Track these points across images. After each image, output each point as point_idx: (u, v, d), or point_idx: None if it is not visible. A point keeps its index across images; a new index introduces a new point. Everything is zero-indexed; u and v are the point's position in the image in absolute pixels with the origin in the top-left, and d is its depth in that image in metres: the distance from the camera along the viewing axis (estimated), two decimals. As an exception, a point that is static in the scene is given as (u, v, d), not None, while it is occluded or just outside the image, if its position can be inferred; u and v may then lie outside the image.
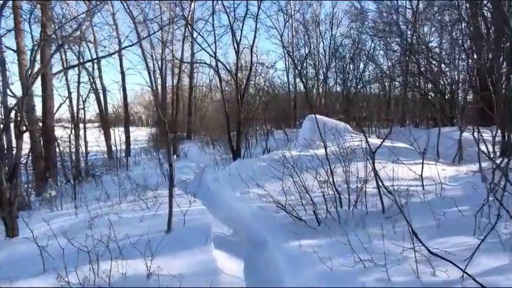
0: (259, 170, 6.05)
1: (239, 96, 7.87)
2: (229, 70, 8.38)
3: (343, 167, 4.82)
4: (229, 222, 4.48)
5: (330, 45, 16.70)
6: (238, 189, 5.66)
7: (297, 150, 7.07)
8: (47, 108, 10.10)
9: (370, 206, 4.31)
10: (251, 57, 8.11)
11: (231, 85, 13.71)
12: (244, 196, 5.19)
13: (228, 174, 6.68)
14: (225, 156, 9.61)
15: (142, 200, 4.87)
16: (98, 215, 4.69)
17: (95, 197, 6.57)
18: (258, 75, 10.31)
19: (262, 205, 4.67)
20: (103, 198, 6.07)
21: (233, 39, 7.75)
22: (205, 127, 16.19)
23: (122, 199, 5.63)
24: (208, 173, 7.93)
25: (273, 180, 5.40)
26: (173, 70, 16.94)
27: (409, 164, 5.43)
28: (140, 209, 4.77)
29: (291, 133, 10.62)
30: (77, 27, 7.81)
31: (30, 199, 8.14)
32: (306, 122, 7.93)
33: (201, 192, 6.35)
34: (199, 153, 11.85)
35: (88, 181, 9.93)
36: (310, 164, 5.31)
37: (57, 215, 5.56)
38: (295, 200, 4.59)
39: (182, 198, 5.10)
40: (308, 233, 3.68)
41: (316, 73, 16.88)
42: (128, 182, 7.60)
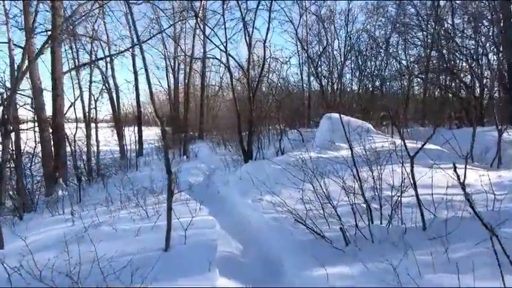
0: (273, 174, 5.34)
1: (251, 94, 7.16)
2: (241, 65, 7.69)
3: (371, 172, 4.04)
4: (238, 235, 3.79)
5: (345, 41, 15.76)
6: (249, 196, 4.97)
7: (314, 152, 6.32)
8: (57, 107, 9.70)
9: (407, 220, 3.53)
10: (264, 52, 7.40)
11: (242, 84, 13.06)
12: (256, 204, 4.50)
13: (239, 178, 6.00)
14: (236, 157, 8.94)
15: (142, 207, 4.24)
16: (94, 224, 4.11)
17: (98, 200, 6.04)
18: (271, 71, 9.57)
19: (277, 216, 3.95)
20: (105, 203, 5.51)
21: (245, 32, 7.06)
22: (216, 127, 15.59)
23: (124, 204, 5.04)
24: (218, 176, 7.27)
25: (289, 187, 4.68)
26: (185, 69, 16.44)
27: (440, 169, 4.61)
28: (139, 217, 4.15)
29: (305, 133, 9.84)
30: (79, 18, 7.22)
31: (39, 200, 7.74)
32: (324, 122, 7.14)
33: (209, 197, 5.70)
34: (210, 153, 11.24)
35: (97, 181, 9.49)
36: (331, 168, 4.58)
37: (55, 220, 5.03)
38: (315, 210, 3.86)
39: (187, 205, 4.45)
40: (334, 256, 2.95)
41: (330, 71, 15.97)
42: (134, 183, 7.06)
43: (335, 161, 4.99)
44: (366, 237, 3.18)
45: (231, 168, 7.27)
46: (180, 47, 13.41)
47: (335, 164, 4.69)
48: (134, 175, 8.54)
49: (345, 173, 4.51)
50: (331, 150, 6.08)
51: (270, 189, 4.85)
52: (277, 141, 8.48)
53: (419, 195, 3.44)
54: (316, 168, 4.30)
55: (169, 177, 3.02)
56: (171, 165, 8.06)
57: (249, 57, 7.20)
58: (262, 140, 9.01)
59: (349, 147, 5.82)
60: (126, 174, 8.82)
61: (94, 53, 13.50)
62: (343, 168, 4.71)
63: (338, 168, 4.55)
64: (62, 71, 9.96)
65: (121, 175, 8.92)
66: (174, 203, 5.01)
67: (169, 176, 3.02)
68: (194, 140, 17.30)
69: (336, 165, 4.58)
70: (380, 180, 3.75)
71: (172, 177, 3.02)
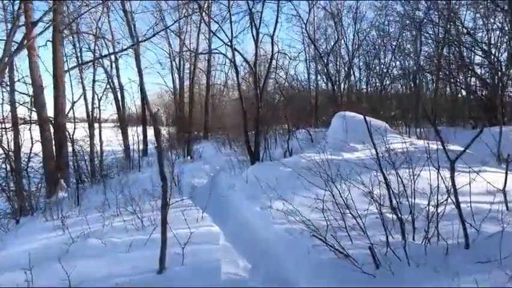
0: (282, 177, 4.77)
1: (258, 91, 6.59)
2: (247, 61, 7.11)
3: (399, 177, 3.45)
4: (246, 250, 3.23)
5: (353, 39, 15.08)
6: (257, 202, 4.41)
7: (326, 153, 5.73)
8: (58, 106, 9.26)
9: (443, 234, 2.94)
10: (272, 47, 6.80)
11: (249, 82, 12.48)
12: (265, 212, 3.93)
13: (245, 181, 5.44)
14: (242, 158, 8.37)
15: (138, 216, 3.70)
16: (84, 235, 3.59)
17: (96, 204, 5.55)
18: (279, 67, 8.98)
19: (290, 227, 3.38)
20: (102, 207, 5.01)
21: (251, 24, 6.49)
22: (222, 126, 15.04)
23: (120, 210, 4.52)
24: (223, 178, 6.72)
25: (302, 192, 4.11)
26: (190, 68, 15.92)
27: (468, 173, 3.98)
28: (134, 228, 3.62)
29: (314, 133, 9.23)
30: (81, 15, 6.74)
31: (38, 202, 7.28)
32: (337, 121, 6.53)
33: (213, 202, 5.15)
34: (215, 153, 10.69)
35: (99, 182, 9.00)
36: (348, 172, 4.00)
37: (47, 228, 4.52)
38: (333, 220, 3.29)
39: (189, 213, 3.91)
40: (362, 281, 2.37)
41: (337, 69, 15.30)
42: (135, 186, 6.57)
43: (353, 162, 4.40)
44: (400, 258, 2.59)
45: (237, 170, 6.71)
46: (184, 43, 12.88)
47: (353, 166, 4.11)
48: (136, 176, 8.06)
49: (365, 177, 3.94)
50: (345, 152, 5.49)
51: (280, 196, 4.29)
52: (285, 141, 7.90)
53: (460, 205, 2.84)
54: (332, 172, 3.71)
55: (164, 185, 2.47)
56: (174, 166, 7.58)
57: (256, 52, 6.62)
58: (269, 140, 8.44)
59: (368, 148, 5.22)
60: (127, 176, 8.33)
61: (98, 51, 13.11)
62: (362, 172, 4.13)
63: (356, 172, 3.98)
64: (63, 69, 9.52)
65: (122, 177, 8.44)
66: (174, 209, 4.48)
67: (164, 184, 2.47)
68: (199, 139, 16.81)
69: (353, 169, 4.00)
70: (412, 186, 3.14)
71: (166, 185, 2.47)
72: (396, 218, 3.04)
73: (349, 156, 5.17)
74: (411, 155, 4.06)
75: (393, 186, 3.48)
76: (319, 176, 3.78)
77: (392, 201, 3.18)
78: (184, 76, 17.12)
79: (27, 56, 8.58)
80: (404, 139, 6.07)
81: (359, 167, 4.35)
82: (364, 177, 4.05)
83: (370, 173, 4.04)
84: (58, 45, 9.36)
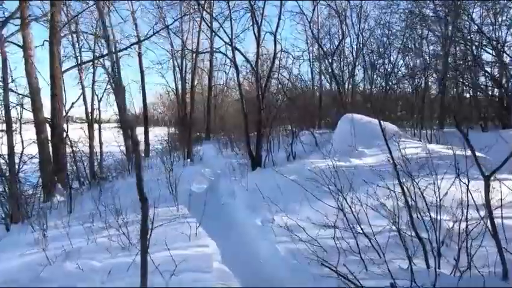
0: (285, 187, 4.31)
1: (260, 92, 6.12)
2: (248, 60, 6.66)
3: (417, 189, 2.97)
4: (243, 275, 2.77)
5: (357, 38, 14.51)
6: (258, 214, 3.96)
7: (333, 159, 5.25)
8: (55, 107, 8.87)
9: (475, 259, 2.46)
10: (275, 45, 6.32)
11: (251, 82, 12.01)
12: (267, 227, 3.47)
13: (246, 189, 4.99)
14: (243, 161, 7.92)
15: (124, 234, 3.25)
16: (63, 253, 3.16)
17: (88, 212, 5.13)
18: (281, 67, 8.49)
19: (294, 247, 2.92)
20: (92, 217, 4.58)
21: (253, 21, 6.01)
22: (223, 127, 14.59)
23: (108, 222, 4.08)
24: (223, 183, 6.27)
25: (307, 204, 3.65)
26: (192, 69, 15.47)
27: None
28: (119, 246, 3.18)
29: (318, 135, 8.74)
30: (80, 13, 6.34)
31: (33, 207, 6.86)
32: (343, 123, 6.04)
33: (212, 211, 4.71)
34: (216, 155, 10.25)
35: (98, 185, 8.57)
36: (356, 180, 3.53)
37: (29, 241, 4.10)
38: (342, 237, 2.83)
39: (182, 228, 3.47)
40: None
41: (341, 69, 14.76)
42: (131, 191, 6.14)
43: (362, 169, 3.92)
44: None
45: (237, 175, 6.26)
46: (183, 42, 12.43)
47: (358, 174, 3.64)
48: (134, 180, 7.62)
49: (377, 187, 3.47)
50: (353, 157, 5.01)
51: (283, 208, 3.84)
52: (288, 144, 7.43)
53: (496, 227, 2.36)
54: (341, 182, 3.24)
55: (143, 207, 2.02)
56: (173, 169, 7.14)
57: (258, 50, 6.13)
58: (271, 142, 7.97)
59: (377, 153, 4.73)
60: (125, 179, 7.93)
61: (99, 51, 12.73)
62: (373, 181, 3.66)
63: (366, 182, 3.51)
64: (61, 69, 9.13)
65: (119, 181, 8.04)
66: (167, 221, 4.05)
67: (143, 206, 2.01)
68: (201, 140, 16.38)
69: (359, 177, 3.54)
70: (437, 201, 2.66)
71: (146, 208, 2.02)
72: (418, 240, 2.57)
73: (358, 163, 4.70)
74: (427, 162, 3.58)
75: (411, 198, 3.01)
76: (326, 187, 3.32)
77: (412, 218, 2.71)
78: (186, 76, 16.72)
79: (23, 56, 8.20)
80: (419, 144, 5.58)
81: (371, 175, 3.88)
82: (378, 186, 3.57)
83: (383, 181, 3.56)
84: (55, 44, 8.97)
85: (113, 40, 13.52)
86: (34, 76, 8.24)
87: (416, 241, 2.63)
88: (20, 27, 8.02)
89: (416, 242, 2.65)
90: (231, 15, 6.06)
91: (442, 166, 3.29)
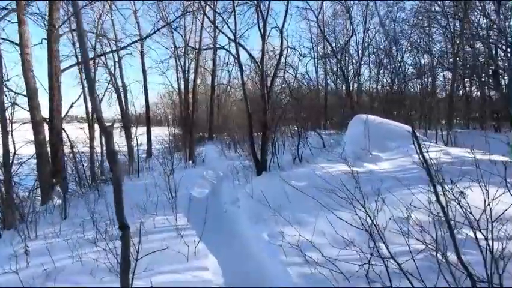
0: (294, 194, 3.83)
1: (265, 91, 5.63)
2: (253, 57, 6.13)
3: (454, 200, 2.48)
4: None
5: (363, 37, 13.97)
6: (265, 226, 3.49)
7: (344, 162, 4.77)
8: (54, 107, 8.47)
9: None
10: (281, 41, 5.80)
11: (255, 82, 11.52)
12: (274, 244, 3.00)
13: (251, 196, 4.52)
14: (247, 164, 7.45)
15: (113, 253, 2.78)
16: (44, 274, 2.72)
17: (81, 219, 4.70)
18: (287, 65, 7.97)
19: (308, 272, 2.46)
20: (82, 227, 4.15)
21: (258, 15, 5.52)
22: (226, 127, 14.12)
23: (99, 232, 3.64)
24: (226, 188, 5.81)
25: (319, 214, 3.18)
26: (195, 68, 15.03)
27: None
28: (106, 267, 2.72)
29: (324, 136, 8.24)
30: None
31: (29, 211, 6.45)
32: (355, 125, 5.54)
33: (214, 221, 4.26)
34: (219, 157, 9.79)
35: (96, 188, 8.17)
36: (374, 188, 3.05)
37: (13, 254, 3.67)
38: (365, 255, 2.36)
39: (179, 246, 3.01)
40: None
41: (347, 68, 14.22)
42: (129, 196, 5.71)
43: (374, 176, 3.44)
44: None
45: (241, 179, 5.79)
46: (186, 41, 11.96)
47: (374, 181, 3.16)
48: (133, 184, 7.21)
49: (400, 196, 2.99)
50: (367, 162, 4.52)
51: (292, 219, 3.37)
52: (295, 146, 6.94)
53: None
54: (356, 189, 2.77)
55: (124, 236, 1.55)
56: (174, 172, 6.68)
57: (263, 47, 5.62)
58: (276, 143, 7.50)
59: (395, 157, 4.25)
60: (124, 183, 7.49)
61: (101, 51, 12.34)
62: (395, 189, 3.18)
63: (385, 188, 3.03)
64: (60, 68, 8.72)
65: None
66: (163, 234, 3.60)
67: (124, 234, 1.55)
68: (204, 141, 15.94)
69: (374, 184, 3.06)
70: (489, 220, 2.17)
71: (127, 237, 1.56)
72: (464, 269, 2.08)
73: (373, 168, 4.21)
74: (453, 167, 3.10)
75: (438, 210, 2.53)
76: (342, 197, 2.84)
77: (455, 240, 2.22)
78: (189, 76, 16.28)
79: (20, 54, 7.81)
80: (436, 146, 5.08)
81: (390, 182, 3.40)
82: (399, 196, 3.10)
83: (406, 189, 3.08)
84: (54, 42, 8.57)
85: (114, 39, 13.15)
86: (31, 75, 7.84)
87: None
88: (18, 25, 7.65)
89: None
90: (234, 9, 5.58)
91: (470, 172, 2.80)
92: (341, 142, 6.89)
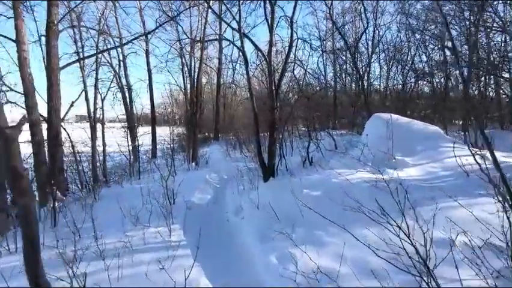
0: (309, 203, 3.16)
1: (273, 86, 4.95)
2: (259, 48, 5.42)
3: None
4: None
5: (373, 34, 13.16)
6: (273, 245, 2.85)
7: (362, 167, 4.09)
8: (52, 105, 7.97)
9: None
10: (291, 31, 5.05)
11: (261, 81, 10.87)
12: (285, 270, 2.36)
13: (256, 206, 3.88)
14: (252, 165, 6.81)
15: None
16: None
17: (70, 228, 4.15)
18: (297, 60, 7.24)
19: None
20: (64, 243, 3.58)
21: (265, 3, 4.83)
22: (232, 127, 13.48)
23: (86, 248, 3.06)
24: (230, 195, 5.17)
25: (338, 231, 2.53)
26: (200, 67, 14.43)
27: None
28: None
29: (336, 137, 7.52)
30: None
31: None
32: (373, 125, 4.83)
33: (214, 233, 3.64)
34: (224, 158, 9.17)
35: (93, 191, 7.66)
36: (404, 200, 2.37)
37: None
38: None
39: (171, 268, 2.40)
40: None
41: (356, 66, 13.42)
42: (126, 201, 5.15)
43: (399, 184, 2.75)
44: None
45: (246, 185, 5.15)
46: (186, 35, 11.36)
47: (411, 192, 2.48)
48: (131, 187, 6.65)
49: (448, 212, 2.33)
50: (391, 168, 3.82)
51: (305, 237, 2.73)
52: (304, 147, 6.27)
53: None
54: (386, 201, 2.11)
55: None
56: (176, 174, 6.08)
57: (271, 38, 4.89)
58: (284, 144, 6.83)
59: (423, 162, 3.57)
60: (122, 186, 6.97)
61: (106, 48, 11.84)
62: (437, 200, 2.51)
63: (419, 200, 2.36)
64: (58, 65, 8.22)
65: (118, 186, 7.08)
66: (154, 253, 2.98)
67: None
68: (209, 141, 15.35)
69: (412, 195, 2.38)
70: None
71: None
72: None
73: (399, 175, 3.52)
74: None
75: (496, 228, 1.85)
76: (367, 211, 2.19)
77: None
78: (195, 75, 15.71)
79: (17, 50, 7.31)
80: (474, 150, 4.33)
81: (424, 193, 2.73)
82: (446, 212, 2.43)
83: (452, 200, 2.40)
84: (52, 39, 8.06)
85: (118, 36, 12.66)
86: (28, 72, 7.34)
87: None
88: (14, 20, 7.17)
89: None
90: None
91: None
92: (353, 143, 6.19)
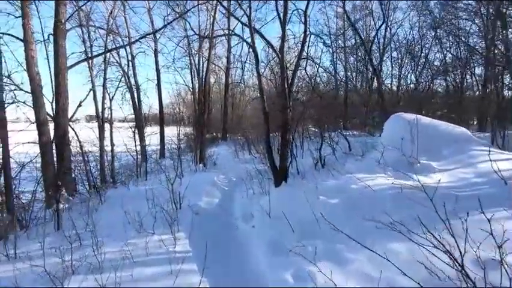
0: (327, 214, 2.81)
1: (286, 84, 4.59)
2: (270, 44, 5.04)
3: None
4: None
5: (385, 32, 12.64)
6: (288, 262, 2.52)
7: (383, 171, 3.72)
8: (59, 105, 7.82)
9: None
10: (305, 24, 4.67)
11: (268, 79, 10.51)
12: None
13: (268, 214, 3.54)
14: (262, 167, 6.49)
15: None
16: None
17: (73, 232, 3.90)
18: (309, 57, 6.86)
19: None
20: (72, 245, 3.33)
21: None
22: (241, 127, 13.17)
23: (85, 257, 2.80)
24: (239, 199, 4.85)
25: (361, 245, 2.17)
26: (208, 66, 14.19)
27: None
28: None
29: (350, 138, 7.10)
30: None
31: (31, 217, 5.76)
32: (393, 125, 4.42)
33: (222, 243, 3.33)
34: (232, 159, 8.87)
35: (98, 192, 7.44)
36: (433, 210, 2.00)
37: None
38: None
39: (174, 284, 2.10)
40: None
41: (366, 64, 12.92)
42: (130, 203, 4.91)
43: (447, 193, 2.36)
44: None
45: (256, 189, 4.81)
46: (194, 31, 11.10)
47: (442, 201, 2.10)
48: (137, 189, 6.41)
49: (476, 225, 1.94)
50: (416, 173, 3.42)
51: (324, 251, 2.39)
52: (315, 148, 5.90)
53: None
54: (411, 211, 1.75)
55: None
56: (183, 176, 5.81)
57: (283, 33, 4.53)
58: (294, 145, 6.46)
59: (453, 167, 3.17)
60: (128, 188, 6.74)
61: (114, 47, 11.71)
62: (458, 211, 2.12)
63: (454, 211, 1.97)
64: (66, 65, 8.07)
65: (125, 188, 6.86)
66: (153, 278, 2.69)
67: None
68: (217, 141, 15.09)
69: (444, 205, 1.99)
70: None
71: None
72: None
73: (428, 182, 3.12)
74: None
75: None
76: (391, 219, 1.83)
77: None
78: (203, 75, 15.48)
79: (24, 49, 7.17)
80: (505, 153, 3.89)
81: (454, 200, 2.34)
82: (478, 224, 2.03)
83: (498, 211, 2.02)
84: (60, 38, 7.90)
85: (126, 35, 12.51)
86: (36, 71, 7.20)
87: None
88: (22, 19, 7.04)
89: None
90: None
91: None
92: (369, 145, 5.79)
